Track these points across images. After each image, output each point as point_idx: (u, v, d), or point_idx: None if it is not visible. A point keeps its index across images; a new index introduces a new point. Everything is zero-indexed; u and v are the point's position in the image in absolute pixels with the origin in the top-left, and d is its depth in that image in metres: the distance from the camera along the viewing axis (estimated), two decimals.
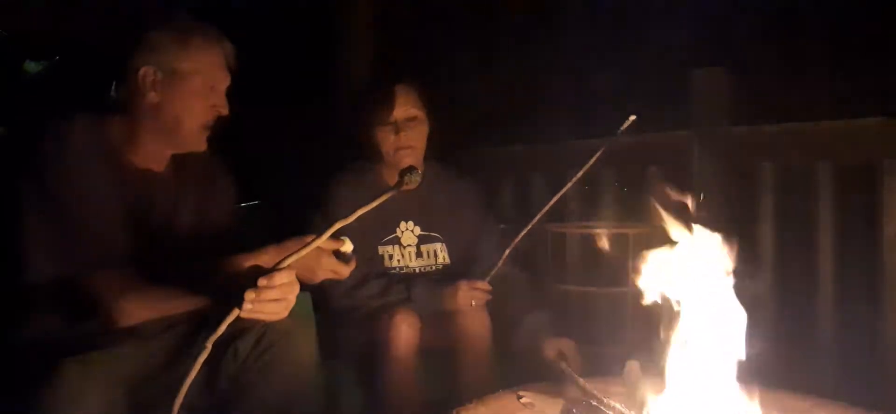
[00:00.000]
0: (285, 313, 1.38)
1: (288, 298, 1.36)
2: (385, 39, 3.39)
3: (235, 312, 1.29)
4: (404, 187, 1.38)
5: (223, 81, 1.66)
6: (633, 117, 2.03)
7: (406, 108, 2.19)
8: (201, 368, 1.27)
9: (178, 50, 1.58)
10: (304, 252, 1.34)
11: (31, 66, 2.94)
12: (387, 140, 2.18)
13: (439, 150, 2.32)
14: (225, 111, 1.66)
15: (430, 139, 2.27)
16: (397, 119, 2.18)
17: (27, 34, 2.97)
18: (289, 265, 1.32)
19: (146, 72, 1.57)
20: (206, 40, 1.63)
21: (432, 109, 2.27)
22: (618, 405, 1.39)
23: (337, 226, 1.35)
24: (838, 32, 2.30)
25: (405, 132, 2.18)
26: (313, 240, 1.35)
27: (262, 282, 1.30)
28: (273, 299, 1.33)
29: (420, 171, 1.40)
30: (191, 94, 1.60)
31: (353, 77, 3.16)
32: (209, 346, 1.27)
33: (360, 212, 1.36)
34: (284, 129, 3.27)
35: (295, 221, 2.14)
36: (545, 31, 3.07)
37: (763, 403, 1.33)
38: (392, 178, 2.24)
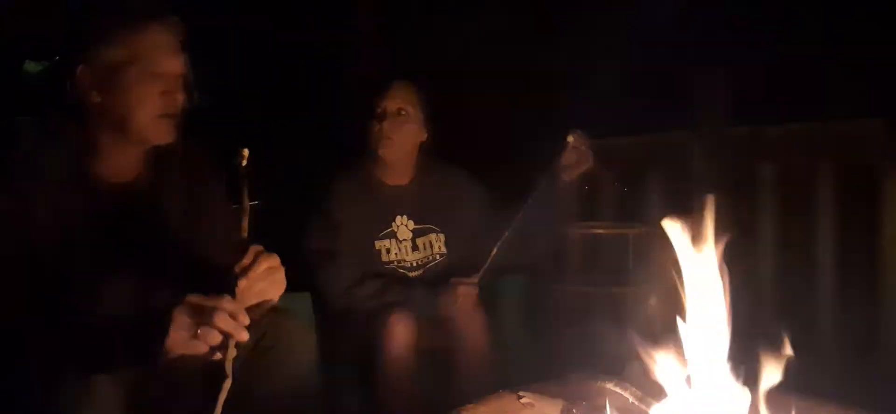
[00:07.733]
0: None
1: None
2: (387, 41, 3.39)
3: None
4: (239, 162, 1.30)
5: (169, 63, 1.44)
6: None
7: (396, 100, 2.19)
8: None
9: (106, 40, 1.39)
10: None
11: (32, 66, 2.93)
12: (373, 129, 2.19)
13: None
14: (180, 96, 1.46)
15: (427, 146, 2.28)
16: (386, 109, 2.18)
17: (27, 34, 2.96)
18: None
19: (82, 71, 1.40)
20: (136, 23, 1.42)
21: (431, 115, 2.28)
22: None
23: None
24: (838, 32, 2.30)
25: (389, 122, 2.17)
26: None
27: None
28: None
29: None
30: (132, 85, 1.40)
31: (357, 77, 3.17)
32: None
33: (245, 218, 1.31)
34: (285, 128, 3.26)
35: (295, 222, 2.14)
36: (544, 30, 3.07)
37: (763, 404, 1.33)
38: (384, 175, 2.26)
